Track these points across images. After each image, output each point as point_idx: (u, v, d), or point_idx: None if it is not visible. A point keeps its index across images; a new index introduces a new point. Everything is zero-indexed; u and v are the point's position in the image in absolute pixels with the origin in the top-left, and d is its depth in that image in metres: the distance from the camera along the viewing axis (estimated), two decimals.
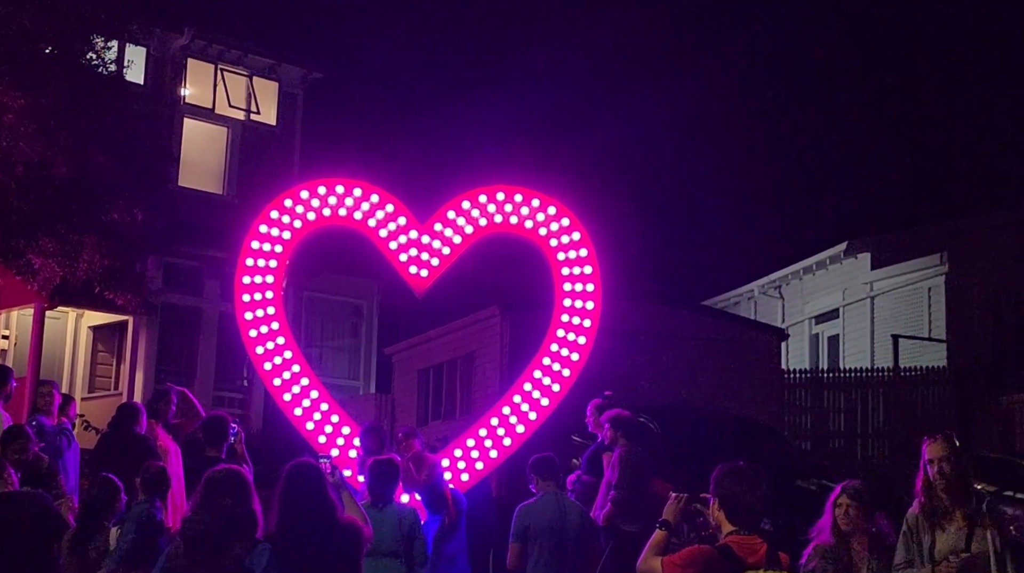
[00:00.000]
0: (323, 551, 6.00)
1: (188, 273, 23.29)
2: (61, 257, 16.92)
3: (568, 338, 12.18)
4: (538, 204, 12.31)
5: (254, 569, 5.43)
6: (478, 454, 12.09)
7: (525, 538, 7.87)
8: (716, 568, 5.04)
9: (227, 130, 24.99)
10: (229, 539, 5.51)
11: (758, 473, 5.37)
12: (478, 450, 12.10)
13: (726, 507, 5.25)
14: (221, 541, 5.50)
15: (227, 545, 5.49)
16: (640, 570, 5.36)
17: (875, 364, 23.31)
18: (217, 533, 5.51)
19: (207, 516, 5.55)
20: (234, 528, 5.53)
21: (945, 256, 22.91)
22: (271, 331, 11.82)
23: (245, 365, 23.83)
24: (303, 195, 12.09)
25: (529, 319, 18.59)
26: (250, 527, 5.61)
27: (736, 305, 29.69)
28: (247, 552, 5.46)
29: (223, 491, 5.61)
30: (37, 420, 9.99)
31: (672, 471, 14.22)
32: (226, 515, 5.53)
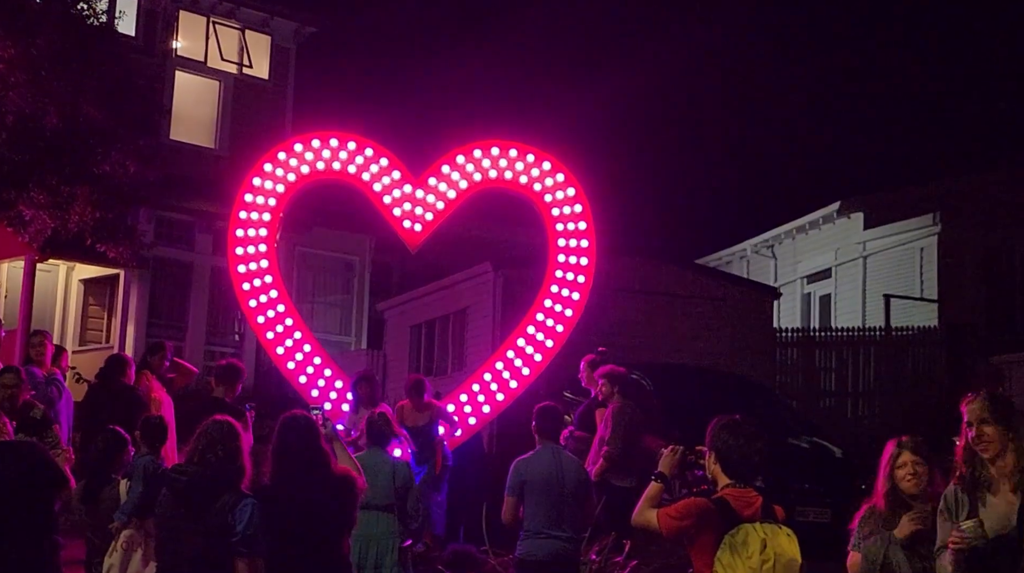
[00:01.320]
0: (317, 501, 6.00)
1: (180, 227, 23.21)
2: (52, 209, 16.83)
3: (562, 294, 12.20)
4: (533, 159, 12.28)
5: (236, 525, 5.43)
6: (471, 409, 12.14)
7: (520, 492, 7.85)
8: (712, 521, 5.04)
9: (219, 84, 24.84)
10: (215, 492, 5.51)
11: (754, 427, 5.37)
12: (471, 405, 12.15)
13: (722, 460, 5.25)
14: (207, 493, 5.51)
15: (212, 497, 5.49)
16: (635, 522, 5.35)
17: (867, 323, 23.32)
18: (203, 485, 5.51)
19: (195, 467, 5.55)
20: (220, 481, 5.54)
21: (938, 216, 22.88)
22: (264, 285, 11.81)
23: (237, 319, 23.82)
24: (297, 148, 12.05)
25: (522, 275, 18.56)
26: (236, 479, 5.61)
27: (728, 264, 29.69)
28: (232, 506, 5.46)
29: (215, 444, 5.62)
30: (28, 370, 9.95)
31: (665, 427, 14.29)
32: (213, 468, 5.54)
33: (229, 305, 23.29)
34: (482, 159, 12.24)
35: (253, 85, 25.17)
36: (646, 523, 5.25)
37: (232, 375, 10.17)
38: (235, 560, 5.44)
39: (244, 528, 5.43)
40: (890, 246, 24.25)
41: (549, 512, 7.82)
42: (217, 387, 10.08)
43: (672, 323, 19.93)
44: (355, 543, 6.94)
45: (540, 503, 7.82)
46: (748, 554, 4.88)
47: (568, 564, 7.90)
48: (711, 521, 5.04)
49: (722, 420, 5.38)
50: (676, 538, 5.21)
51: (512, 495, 7.89)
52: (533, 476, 7.89)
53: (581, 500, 8.03)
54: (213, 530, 5.44)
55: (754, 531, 4.96)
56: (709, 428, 5.38)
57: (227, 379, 10.11)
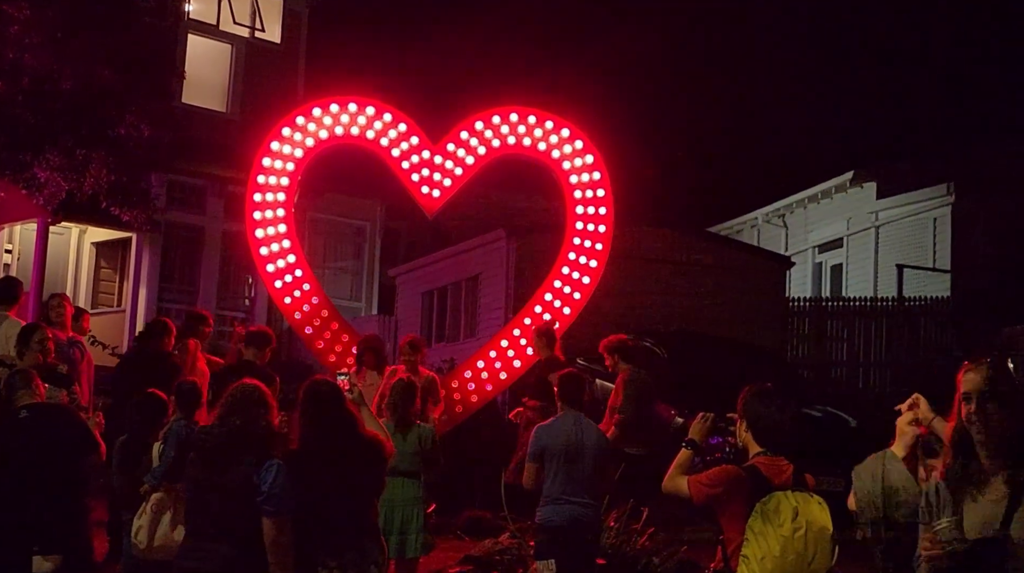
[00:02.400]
0: (346, 466, 6.00)
1: (192, 191, 23.19)
2: (67, 171, 16.83)
3: (579, 261, 12.20)
4: (552, 126, 12.26)
5: (261, 485, 5.44)
6: (488, 375, 12.16)
7: (541, 458, 7.86)
8: (743, 488, 5.05)
9: (231, 47, 24.73)
10: (240, 453, 5.52)
11: (786, 395, 5.37)
12: (488, 371, 12.17)
13: (754, 428, 5.25)
14: (233, 454, 5.52)
15: (238, 459, 5.50)
16: (665, 489, 5.36)
17: (878, 294, 23.31)
18: (229, 447, 5.52)
19: (221, 429, 5.56)
20: (246, 443, 5.54)
21: (952, 186, 22.82)
22: (282, 250, 11.82)
23: (248, 283, 23.85)
24: (315, 113, 12.01)
25: (535, 242, 18.56)
26: (263, 442, 5.62)
27: (739, 233, 29.64)
28: (256, 468, 5.48)
29: (242, 406, 5.63)
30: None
31: (678, 396, 14.32)
32: (240, 430, 5.55)
33: (240, 269, 23.33)
34: (501, 125, 12.21)
35: (265, 49, 25.05)
36: (676, 490, 5.26)
37: (262, 340, 10.15)
38: (262, 520, 5.45)
39: (270, 487, 5.44)
40: (903, 216, 24.20)
41: (569, 478, 7.82)
42: (247, 350, 10.06)
43: (684, 291, 19.93)
44: (380, 508, 6.95)
45: (560, 469, 7.83)
46: (780, 522, 4.89)
47: (587, 529, 7.90)
48: (742, 489, 5.04)
49: (753, 388, 5.37)
50: (706, 505, 5.22)
51: (533, 461, 7.91)
52: (553, 443, 7.89)
53: (601, 467, 8.03)
54: (238, 490, 5.46)
55: (786, 499, 4.97)
56: (741, 396, 5.38)
57: (258, 343, 10.09)
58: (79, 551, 7.20)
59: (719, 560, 5.13)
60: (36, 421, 7.11)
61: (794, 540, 4.86)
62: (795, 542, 4.86)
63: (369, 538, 6.10)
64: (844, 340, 21.98)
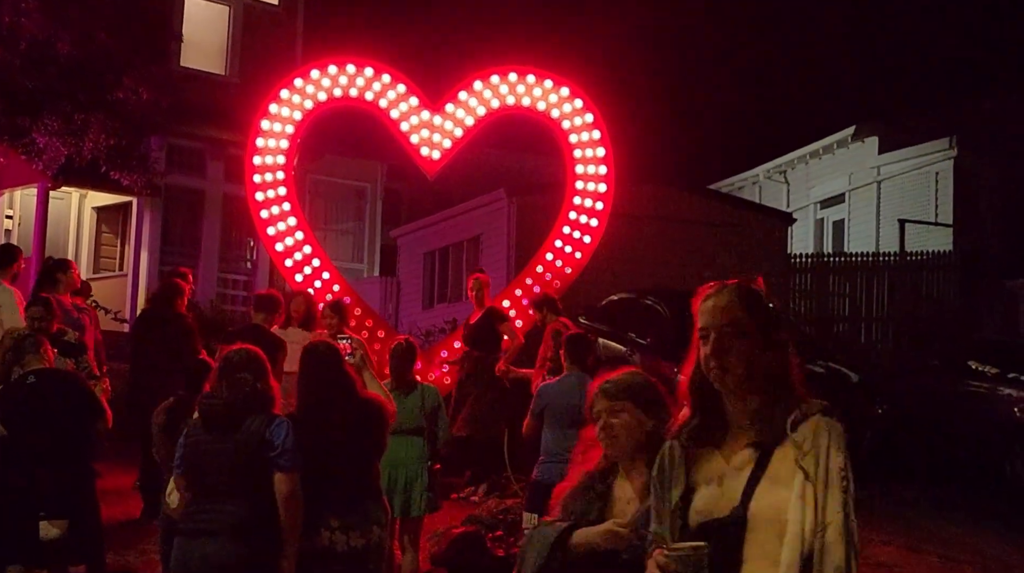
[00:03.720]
0: (344, 427, 6.02)
1: (191, 154, 23.12)
2: (67, 136, 16.78)
3: (580, 220, 12.19)
4: (551, 85, 12.22)
5: (274, 440, 5.46)
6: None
7: (541, 416, 7.96)
8: None
9: (229, 9, 24.58)
10: (246, 413, 5.54)
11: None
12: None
13: None
14: (238, 415, 5.53)
15: (244, 419, 5.52)
16: None
17: (880, 249, 23.29)
18: (235, 407, 5.53)
19: (227, 392, 5.57)
20: (251, 403, 5.56)
21: (954, 140, 22.74)
22: (283, 212, 11.82)
23: (249, 247, 23.84)
24: (314, 75, 11.97)
25: (536, 202, 18.54)
26: (267, 403, 5.64)
27: (741, 190, 29.58)
28: (266, 425, 5.50)
29: (240, 368, 5.63)
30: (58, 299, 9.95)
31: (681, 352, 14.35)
32: (243, 390, 5.56)
33: (241, 232, 23.30)
34: (500, 85, 12.17)
35: (263, 11, 24.91)
36: None
37: (271, 304, 10.02)
38: (274, 474, 5.47)
39: (283, 442, 5.47)
40: (905, 171, 24.14)
41: (566, 437, 7.90)
42: (256, 314, 9.99)
43: (687, 249, 19.93)
44: (384, 468, 6.98)
45: (559, 428, 7.92)
46: None
47: None
48: None
49: None
50: None
51: (534, 418, 8.03)
52: (554, 401, 7.97)
53: None
54: (247, 450, 5.46)
55: None
56: None
57: (267, 307, 9.98)
58: (86, 516, 7.23)
59: None
60: (43, 387, 7.13)
61: None
62: None
63: (371, 499, 6.13)
64: (846, 295, 21.99)
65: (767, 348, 3.24)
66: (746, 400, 3.24)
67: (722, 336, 3.24)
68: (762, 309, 3.29)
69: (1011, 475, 13.70)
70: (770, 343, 3.26)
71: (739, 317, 3.25)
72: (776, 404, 3.22)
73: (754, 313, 3.27)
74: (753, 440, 3.20)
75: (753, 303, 3.30)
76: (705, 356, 3.27)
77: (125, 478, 10.89)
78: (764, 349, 3.24)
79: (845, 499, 3.11)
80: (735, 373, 3.22)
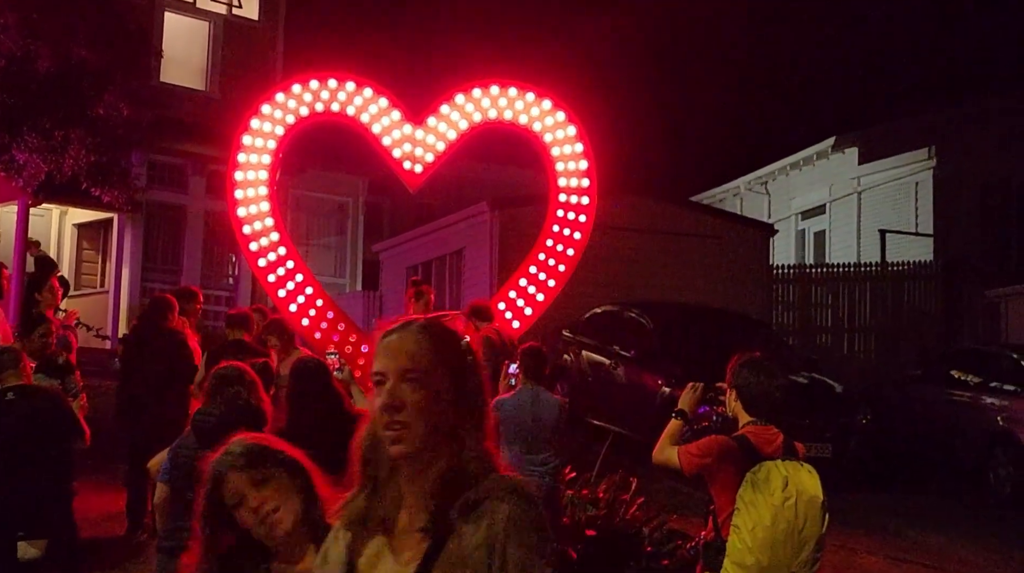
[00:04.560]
0: (334, 442, 6.00)
1: (172, 170, 23.08)
2: (47, 153, 16.75)
3: (564, 233, 12.15)
4: (533, 98, 12.18)
5: None
6: None
7: (497, 429, 8.08)
8: (734, 458, 5.04)
9: (209, 24, 24.58)
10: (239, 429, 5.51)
11: (774, 364, 5.37)
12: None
13: (744, 398, 5.24)
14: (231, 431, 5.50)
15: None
16: (656, 460, 5.36)
17: (862, 259, 23.37)
18: (228, 422, 5.51)
19: (220, 408, 5.56)
20: (244, 417, 5.54)
21: (933, 150, 22.84)
22: (265, 228, 11.73)
23: (231, 262, 23.79)
24: (295, 90, 11.91)
25: (519, 215, 18.55)
26: (259, 418, 5.62)
27: (722, 201, 29.66)
28: None
29: (233, 382, 5.62)
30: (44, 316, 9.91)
31: (665, 366, 14.36)
32: (236, 404, 5.55)
33: (223, 248, 23.26)
34: (482, 99, 12.13)
35: (243, 26, 24.91)
36: (666, 461, 5.25)
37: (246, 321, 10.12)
38: None
39: None
40: (885, 181, 24.24)
41: (523, 450, 8.04)
42: (234, 331, 10.03)
43: (669, 261, 19.97)
44: None
45: (514, 442, 8.06)
46: (770, 491, 4.89)
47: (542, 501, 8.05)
48: (733, 458, 5.04)
49: (743, 358, 5.36)
50: (697, 475, 5.22)
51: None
52: (509, 416, 8.09)
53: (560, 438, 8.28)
54: None
55: (776, 468, 4.96)
56: (730, 366, 5.37)
57: (242, 324, 10.06)
58: (65, 536, 7.18)
59: (710, 529, 5.14)
60: (22, 403, 7.07)
61: (784, 509, 4.86)
62: (785, 511, 4.86)
63: None
64: (828, 306, 22.05)
65: (457, 403, 2.56)
66: (426, 471, 2.53)
67: (401, 383, 2.53)
68: (456, 354, 2.60)
69: (994, 484, 13.75)
70: (462, 396, 2.57)
71: (425, 362, 2.54)
72: (458, 478, 2.50)
73: (444, 358, 2.57)
74: (424, 526, 2.50)
75: (444, 345, 2.59)
76: (378, 409, 2.58)
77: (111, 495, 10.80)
78: (453, 403, 2.55)
79: None
80: (414, 432, 2.52)
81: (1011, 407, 13.86)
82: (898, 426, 15.48)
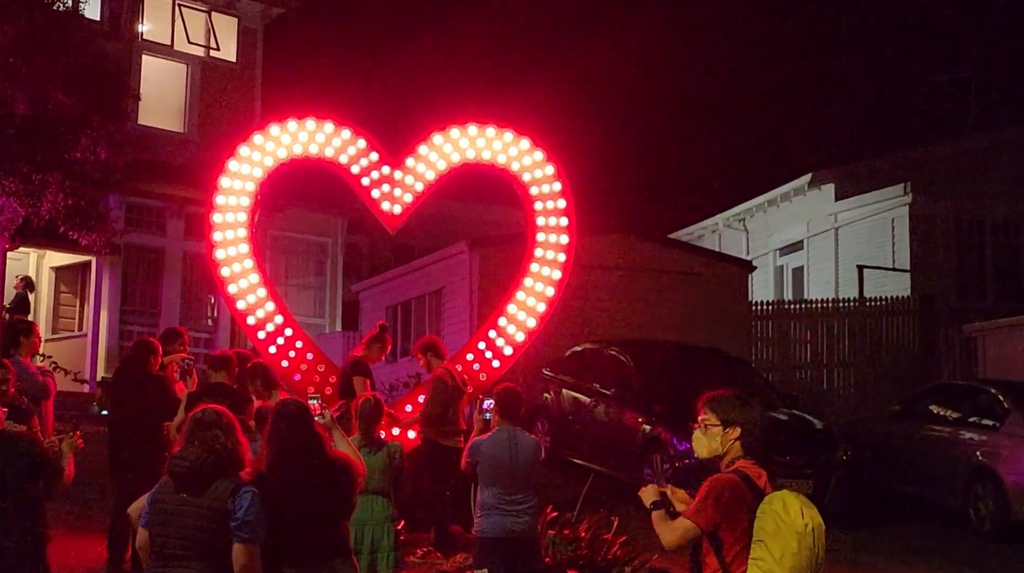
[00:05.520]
0: (311, 486, 6.01)
1: (151, 212, 23.02)
2: (24, 196, 16.67)
3: (543, 273, 12.21)
4: (511, 138, 12.28)
5: (236, 511, 5.40)
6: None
7: (474, 469, 8.20)
8: (740, 494, 4.98)
9: (186, 67, 24.60)
10: (215, 475, 5.48)
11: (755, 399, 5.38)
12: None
13: (749, 434, 5.16)
14: (206, 476, 5.47)
15: (212, 481, 5.45)
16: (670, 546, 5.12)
17: (840, 295, 23.47)
18: (203, 468, 5.47)
19: (195, 451, 5.51)
20: (221, 462, 5.50)
21: (908, 186, 23.01)
22: (244, 269, 11.75)
23: (210, 304, 23.70)
24: (273, 131, 11.96)
25: (498, 254, 18.58)
26: (236, 463, 5.58)
27: (700, 238, 29.76)
28: (232, 493, 5.43)
29: (211, 426, 5.58)
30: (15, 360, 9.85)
31: (645, 403, 14.37)
32: (214, 448, 5.50)
33: (202, 290, 23.18)
34: (460, 139, 12.21)
35: (221, 68, 24.94)
36: (683, 535, 5.00)
37: (228, 363, 10.07)
38: (234, 545, 5.41)
39: (244, 514, 5.39)
40: (862, 217, 24.38)
41: (501, 491, 8.10)
42: (216, 373, 9.99)
43: (649, 298, 20.01)
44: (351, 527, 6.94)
45: (492, 483, 8.12)
46: (791, 519, 4.83)
47: (521, 540, 8.18)
48: (739, 494, 4.99)
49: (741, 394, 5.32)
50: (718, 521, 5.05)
51: (468, 467, 8.25)
52: (486, 458, 8.14)
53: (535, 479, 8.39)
54: (211, 514, 5.41)
55: (789, 497, 4.92)
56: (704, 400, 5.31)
57: (224, 365, 10.02)
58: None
59: (715, 568, 5.02)
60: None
61: (806, 535, 4.84)
62: (807, 537, 4.84)
63: (339, 556, 6.15)
64: (807, 342, 22.12)
65: None
66: None
67: None
68: None
69: (975, 519, 13.77)
70: None
71: None
72: None
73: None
74: None
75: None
76: None
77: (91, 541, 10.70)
78: None
79: None
80: None
81: (990, 442, 13.92)
82: (878, 462, 15.51)
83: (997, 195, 23.59)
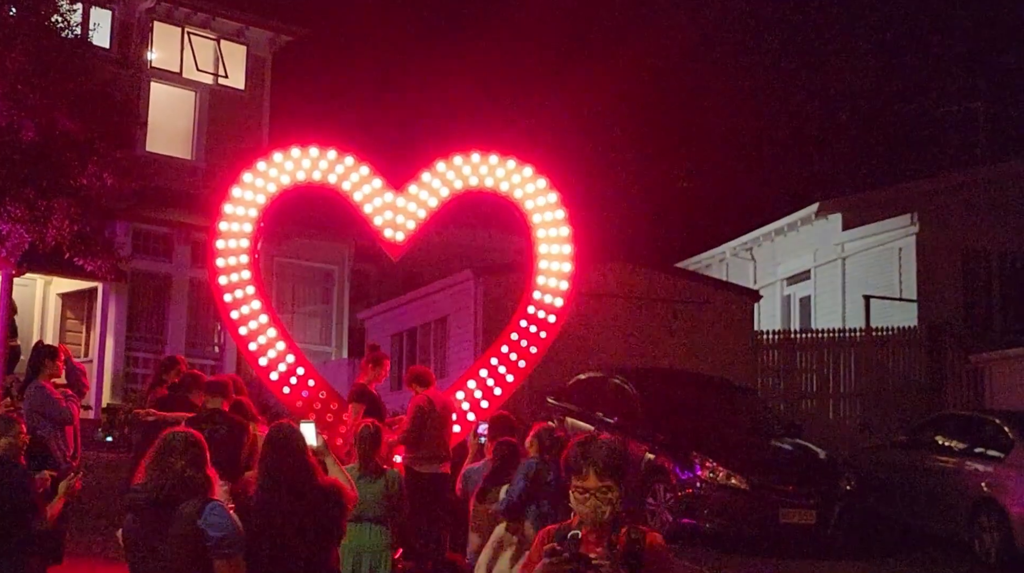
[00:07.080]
0: (300, 512, 5.95)
1: (157, 239, 23.11)
2: (30, 223, 16.74)
3: (545, 301, 12.17)
4: (514, 166, 12.27)
5: (209, 530, 5.28)
6: (455, 417, 12.08)
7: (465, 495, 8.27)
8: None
9: (195, 94, 24.75)
10: (175, 503, 5.32)
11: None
12: (456, 414, 12.09)
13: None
14: (167, 504, 5.32)
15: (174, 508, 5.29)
16: None
17: (847, 324, 23.39)
18: (166, 496, 5.33)
19: (156, 480, 5.36)
20: (184, 490, 5.36)
21: (916, 216, 22.97)
22: (247, 296, 11.74)
23: (216, 331, 23.73)
24: (277, 159, 11.98)
25: (502, 282, 18.58)
26: (202, 489, 5.43)
27: (708, 267, 29.71)
28: (199, 513, 5.29)
29: (174, 453, 5.44)
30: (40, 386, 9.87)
31: (651, 431, 14.31)
32: (170, 477, 5.35)
33: (208, 316, 23.22)
34: (463, 166, 12.21)
35: (229, 95, 25.08)
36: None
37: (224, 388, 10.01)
38: (215, 563, 5.29)
39: (217, 530, 5.27)
40: (869, 247, 24.32)
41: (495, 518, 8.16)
42: (213, 399, 9.95)
43: (655, 327, 19.98)
44: (348, 555, 6.91)
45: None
46: None
47: None
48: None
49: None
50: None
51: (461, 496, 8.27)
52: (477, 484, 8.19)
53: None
54: (181, 540, 5.29)
55: None
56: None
57: (221, 391, 9.97)
58: None
59: None
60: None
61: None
62: None
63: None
64: (814, 371, 22.03)
65: None
66: None
67: None
68: None
69: (979, 550, 13.67)
70: None
71: None
72: None
73: None
74: None
75: None
76: None
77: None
78: None
79: None
80: None
81: (995, 473, 13.82)
82: (883, 492, 15.42)
83: (1005, 226, 23.53)
